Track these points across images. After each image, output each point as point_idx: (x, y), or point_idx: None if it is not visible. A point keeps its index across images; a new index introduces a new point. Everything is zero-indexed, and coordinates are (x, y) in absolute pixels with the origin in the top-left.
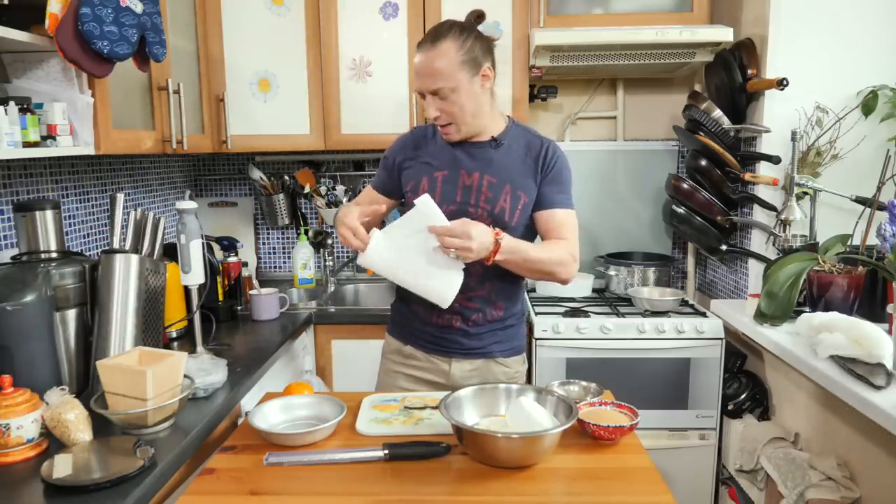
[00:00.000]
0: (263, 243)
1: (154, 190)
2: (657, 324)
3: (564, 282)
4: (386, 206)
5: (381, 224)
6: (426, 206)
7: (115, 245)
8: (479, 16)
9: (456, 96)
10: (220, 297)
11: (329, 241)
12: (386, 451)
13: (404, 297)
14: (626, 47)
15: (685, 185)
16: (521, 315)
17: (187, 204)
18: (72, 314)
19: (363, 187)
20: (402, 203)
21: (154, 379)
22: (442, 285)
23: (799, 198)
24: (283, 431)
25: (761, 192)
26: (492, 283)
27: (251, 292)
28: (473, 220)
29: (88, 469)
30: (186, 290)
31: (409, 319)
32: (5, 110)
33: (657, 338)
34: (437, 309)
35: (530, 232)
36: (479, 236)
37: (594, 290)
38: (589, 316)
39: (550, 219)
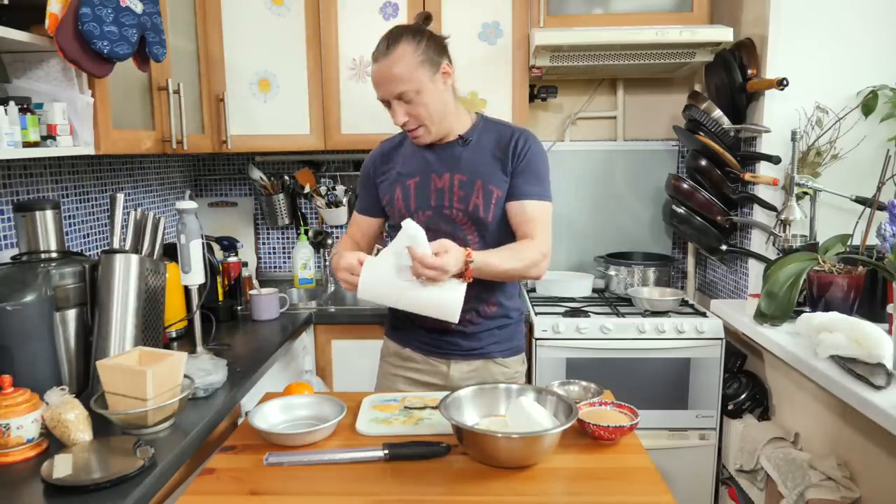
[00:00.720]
0: (263, 243)
1: (154, 190)
2: (657, 324)
3: (536, 279)
4: (377, 227)
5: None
6: (410, 229)
7: (115, 245)
8: (427, 17)
9: (420, 97)
10: (220, 297)
11: (329, 242)
12: (386, 451)
13: None
14: (626, 47)
15: (685, 185)
16: (519, 313)
17: (187, 204)
18: (72, 314)
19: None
20: (387, 217)
21: (154, 379)
22: (445, 302)
23: (799, 198)
24: (283, 431)
25: (761, 192)
26: (480, 282)
27: (251, 292)
28: (450, 221)
29: (88, 469)
30: (186, 290)
31: (406, 323)
32: (5, 110)
33: (657, 338)
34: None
35: (510, 225)
36: (454, 267)
37: (594, 290)
38: (589, 316)
39: (521, 212)
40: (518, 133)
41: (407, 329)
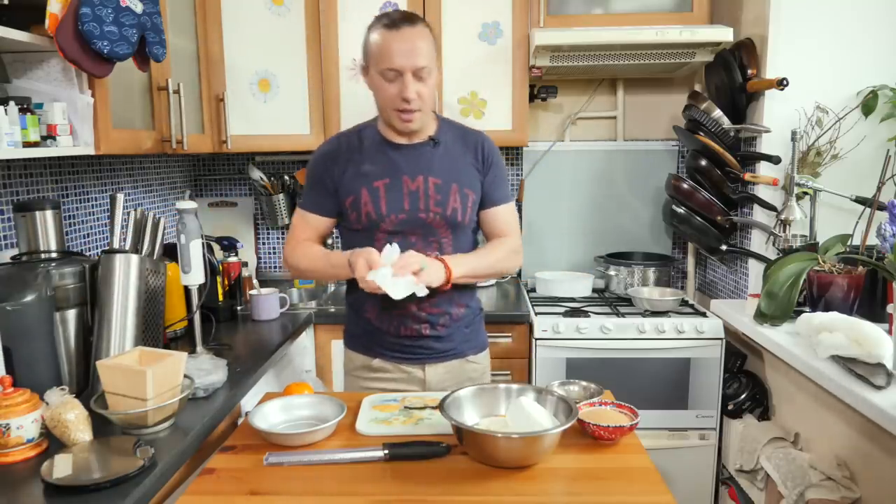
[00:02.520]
0: (263, 243)
1: (154, 190)
2: (657, 324)
3: (512, 273)
4: (330, 226)
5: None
6: (393, 253)
7: (115, 245)
8: None
9: (430, 80)
10: (220, 297)
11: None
12: (386, 451)
13: (362, 312)
14: (626, 47)
15: (685, 185)
16: (479, 310)
17: (187, 204)
18: (72, 314)
19: None
20: (340, 216)
21: (154, 379)
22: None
23: (799, 198)
24: (283, 431)
25: (761, 192)
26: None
27: (251, 292)
28: (426, 224)
29: (88, 469)
30: (186, 290)
31: (373, 334)
32: (5, 110)
33: (657, 338)
34: (403, 321)
35: (476, 224)
36: (436, 281)
37: (594, 290)
38: (589, 316)
39: (495, 217)
40: (483, 138)
41: (373, 338)
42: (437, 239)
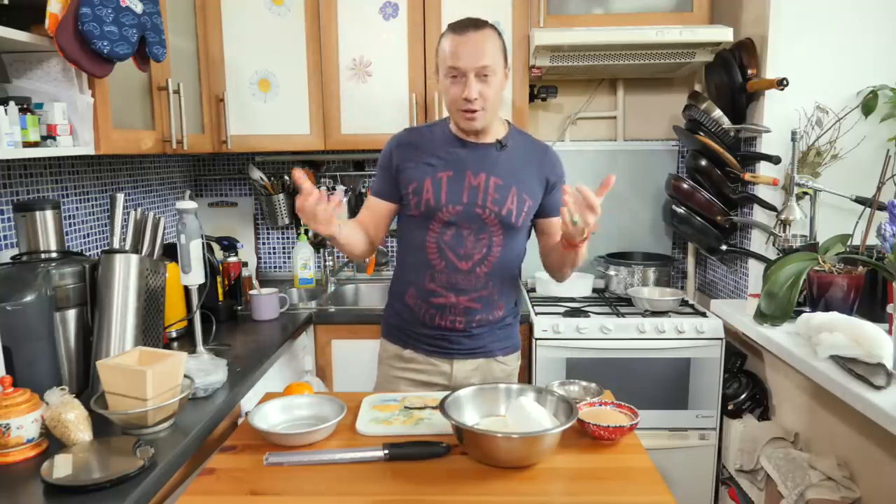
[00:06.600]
0: (263, 243)
1: (154, 190)
2: (657, 324)
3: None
4: (388, 212)
5: (387, 231)
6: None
7: (115, 245)
8: None
9: (494, 80)
10: (220, 297)
11: (328, 242)
12: (386, 451)
13: (402, 300)
14: (626, 47)
15: (685, 185)
16: (517, 314)
17: (187, 204)
18: (72, 314)
19: (364, 188)
20: (402, 202)
21: (154, 379)
22: None
23: (799, 198)
24: (283, 431)
25: (761, 192)
26: (494, 283)
27: (251, 292)
28: (480, 220)
29: (88, 469)
30: (186, 290)
31: (408, 323)
32: (5, 110)
33: (657, 338)
34: (440, 311)
35: (528, 232)
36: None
37: (594, 290)
38: (589, 316)
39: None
40: (551, 152)
41: (408, 329)
42: (488, 235)
